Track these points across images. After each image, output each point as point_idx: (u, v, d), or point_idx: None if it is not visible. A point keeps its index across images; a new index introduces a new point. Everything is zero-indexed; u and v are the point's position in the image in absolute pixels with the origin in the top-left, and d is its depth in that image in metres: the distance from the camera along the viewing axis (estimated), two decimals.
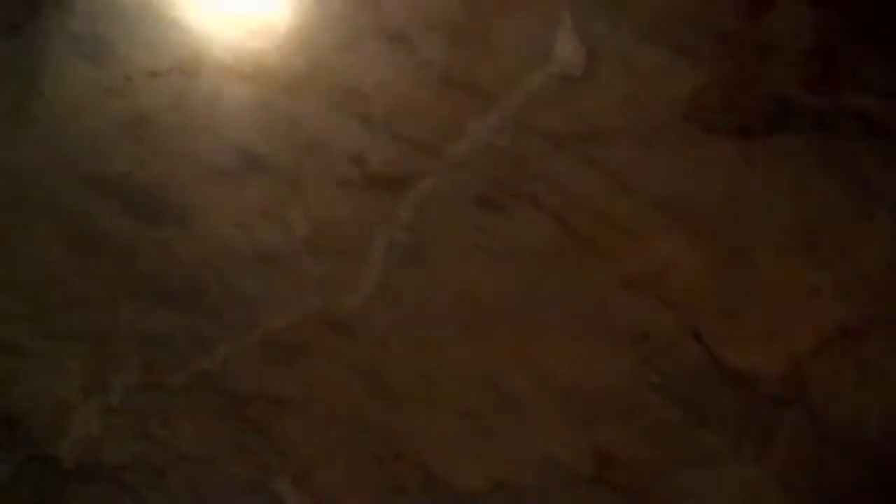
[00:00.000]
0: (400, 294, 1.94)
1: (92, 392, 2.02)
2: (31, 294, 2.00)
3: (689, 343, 1.84)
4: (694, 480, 1.86)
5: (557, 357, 1.90)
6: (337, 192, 1.93)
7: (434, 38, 1.87)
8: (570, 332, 1.89)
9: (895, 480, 1.80)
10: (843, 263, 1.78)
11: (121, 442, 2.03)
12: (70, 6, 1.89)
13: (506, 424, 1.93)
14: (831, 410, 1.80)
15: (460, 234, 1.91)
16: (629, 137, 1.83)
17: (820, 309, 1.80)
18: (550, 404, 1.90)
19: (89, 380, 2.02)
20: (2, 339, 2.01)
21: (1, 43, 1.89)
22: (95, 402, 2.02)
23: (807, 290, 1.80)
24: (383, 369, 1.96)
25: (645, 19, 1.80)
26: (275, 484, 2.03)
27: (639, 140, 1.83)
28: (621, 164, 1.84)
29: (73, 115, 1.94)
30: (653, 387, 1.86)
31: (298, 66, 1.92)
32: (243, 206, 1.96)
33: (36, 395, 2.03)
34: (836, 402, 1.79)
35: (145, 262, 1.98)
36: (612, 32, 1.82)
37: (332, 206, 1.94)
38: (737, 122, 1.79)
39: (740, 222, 1.81)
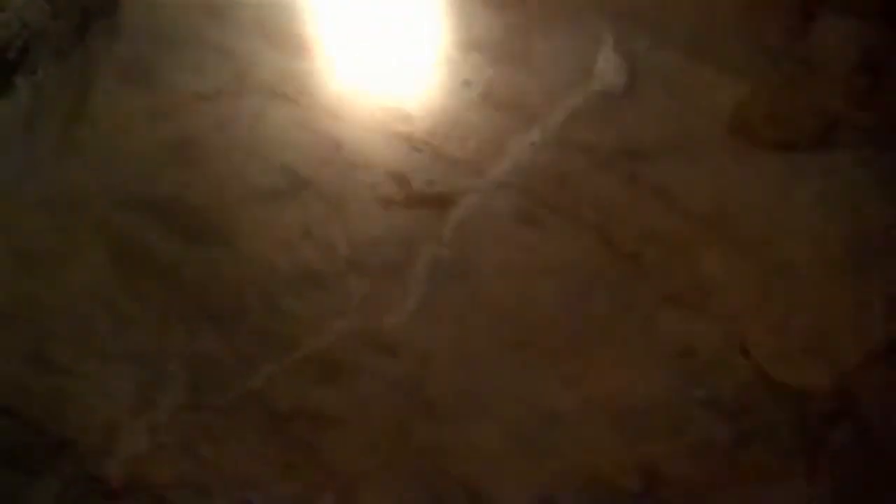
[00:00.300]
0: (443, 312, 1.95)
1: (139, 412, 2.03)
2: (81, 315, 2.01)
3: (737, 358, 1.84)
4: (743, 497, 1.85)
5: (602, 373, 1.89)
6: (379, 211, 1.95)
7: (476, 58, 1.89)
8: (615, 349, 1.89)
9: None
10: (891, 278, 1.77)
11: (167, 461, 2.04)
12: (117, 32, 1.91)
13: (551, 441, 1.93)
14: (881, 425, 1.79)
15: (503, 252, 1.92)
16: (673, 153, 1.84)
17: (868, 324, 1.79)
18: (596, 420, 1.90)
19: (137, 400, 2.03)
20: (52, 360, 2.03)
21: (50, 69, 1.92)
22: (143, 421, 2.03)
23: (855, 305, 1.79)
24: (427, 387, 1.96)
25: (687, 36, 1.81)
26: (319, 502, 2.03)
27: (683, 156, 1.83)
28: (665, 180, 1.85)
29: (121, 139, 1.97)
30: (700, 402, 1.85)
31: (341, 87, 1.94)
32: (287, 227, 1.97)
33: (84, 416, 2.04)
34: (886, 416, 1.78)
35: (192, 283, 1.99)
36: (655, 49, 1.83)
37: (375, 226, 1.95)
38: (783, 136, 1.79)
39: (787, 237, 1.81)
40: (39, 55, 1.91)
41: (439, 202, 1.93)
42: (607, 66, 1.85)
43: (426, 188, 1.93)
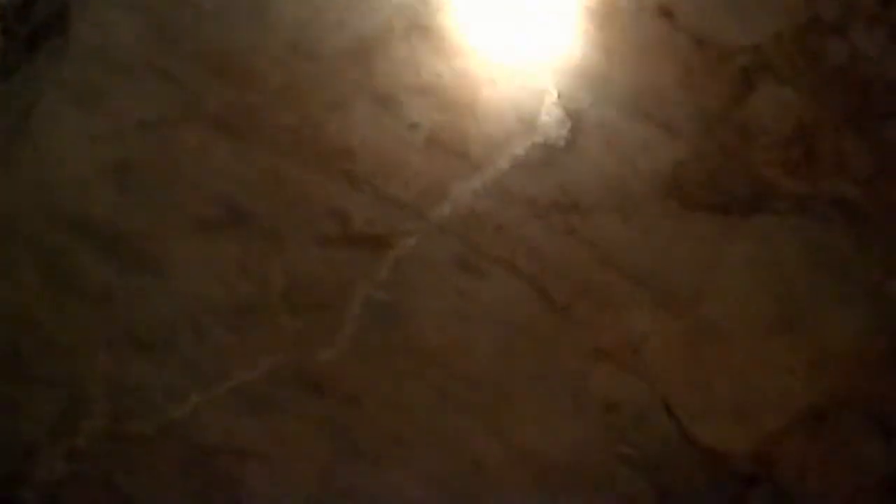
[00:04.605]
0: (374, 353, 1.94)
1: (59, 437, 1.99)
2: (5, 336, 1.98)
3: (660, 416, 1.85)
4: None
5: (528, 424, 1.90)
6: (317, 248, 1.94)
7: (423, 102, 1.90)
8: (543, 400, 1.89)
9: None
10: (816, 345, 1.80)
11: (83, 490, 2.00)
12: (65, 53, 1.90)
13: (472, 491, 1.92)
14: (799, 489, 1.80)
15: (438, 297, 1.92)
16: (609, 209, 1.86)
17: (791, 389, 1.81)
18: (519, 472, 1.90)
19: (57, 424, 1.99)
20: None
21: None
22: (61, 447, 1.99)
23: (779, 370, 1.82)
24: (353, 428, 1.95)
25: (629, 95, 1.85)
26: None
27: (618, 212, 1.86)
28: (600, 235, 1.87)
29: (60, 160, 1.95)
30: (622, 458, 1.86)
31: (287, 122, 1.94)
32: (223, 259, 1.96)
33: (3, 439, 2.00)
34: (804, 481, 1.80)
35: (122, 309, 1.97)
36: (597, 106, 1.86)
37: (312, 262, 1.94)
38: (716, 200, 1.83)
39: (716, 299, 1.84)
40: None
41: (378, 242, 1.93)
42: (550, 120, 1.87)
43: (366, 228, 1.93)
